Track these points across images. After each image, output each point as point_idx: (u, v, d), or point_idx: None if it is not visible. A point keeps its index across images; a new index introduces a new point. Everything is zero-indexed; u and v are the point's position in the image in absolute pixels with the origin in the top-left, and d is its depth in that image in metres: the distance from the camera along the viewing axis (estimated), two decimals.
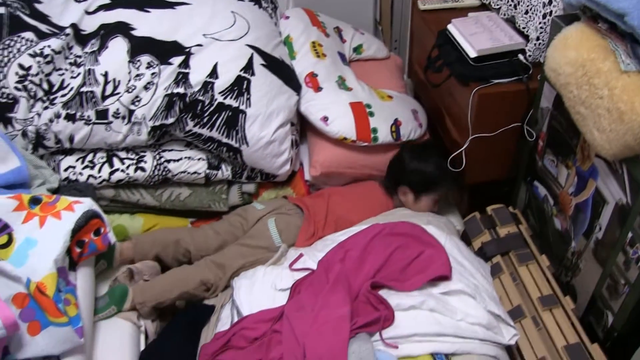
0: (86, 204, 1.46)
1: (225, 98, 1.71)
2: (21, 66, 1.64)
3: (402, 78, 2.33)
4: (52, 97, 1.68)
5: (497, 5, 1.94)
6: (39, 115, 1.67)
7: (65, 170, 1.73)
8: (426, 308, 1.42)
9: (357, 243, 1.58)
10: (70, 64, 1.70)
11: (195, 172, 1.78)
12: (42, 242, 1.37)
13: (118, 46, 1.72)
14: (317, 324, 1.33)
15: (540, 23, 1.67)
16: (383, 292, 1.46)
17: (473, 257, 1.66)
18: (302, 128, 2.07)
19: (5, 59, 1.64)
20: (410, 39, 2.33)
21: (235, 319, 1.51)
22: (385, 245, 1.56)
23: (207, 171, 1.79)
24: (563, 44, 1.42)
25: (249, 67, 1.76)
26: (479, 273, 1.58)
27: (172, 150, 1.80)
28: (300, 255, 1.64)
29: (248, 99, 1.73)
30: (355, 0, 2.59)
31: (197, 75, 1.71)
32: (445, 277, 1.49)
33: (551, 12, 1.64)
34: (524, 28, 1.78)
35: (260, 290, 1.55)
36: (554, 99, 1.59)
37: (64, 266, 1.36)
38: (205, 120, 1.70)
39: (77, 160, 1.75)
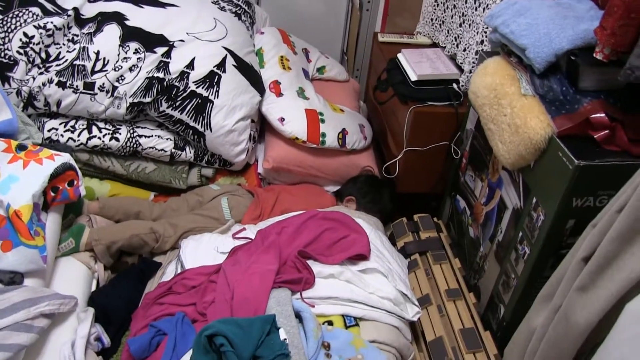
0: (65, 157, 1.66)
1: (197, 87, 1.95)
2: (25, 34, 1.86)
3: (357, 100, 2.61)
4: (47, 65, 1.90)
5: (444, 44, 2.25)
6: (33, 78, 1.88)
7: (49, 130, 1.94)
8: (343, 279, 1.64)
9: (293, 222, 1.80)
10: (68, 40, 1.93)
11: (162, 150, 2.00)
12: (24, 179, 1.55)
13: (112, 31, 1.96)
14: (247, 274, 1.54)
15: (472, 58, 1.97)
16: (308, 263, 1.67)
17: (393, 250, 1.89)
18: (262, 129, 2.31)
19: (12, 26, 1.85)
20: (369, 67, 2.63)
21: (179, 272, 1.71)
22: (317, 226, 1.78)
23: (173, 150, 2.01)
24: (483, 72, 1.71)
25: (221, 65, 2.01)
26: (395, 262, 1.81)
27: (145, 127, 2.02)
28: (243, 229, 1.86)
29: (217, 91, 1.97)
30: (326, 31, 2.90)
31: (177, 65, 1.96)
32: (364, 257, 1.71)
33: (482, 49, 1.94)
34: (461, 63, 2.08)
35: (204, 250, 1.75)
36: (476, 121, 1.86)
37: (39, 203, 1.55)
38: (177, 103, 1.93)
39: (61, 124, 1.96)
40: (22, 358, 1.32)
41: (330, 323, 1.54)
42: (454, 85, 2.02)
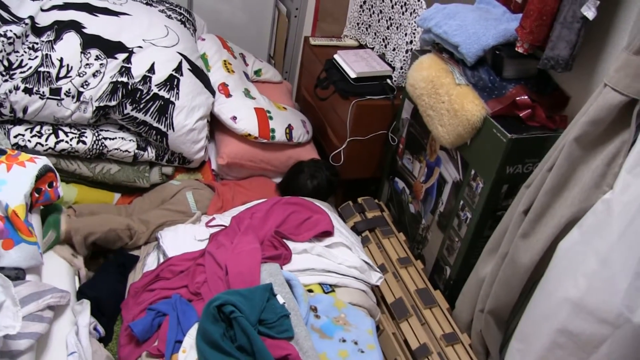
0: (44, 160, 1.72)
1: (160, 90, 2.07)
2: None
3: (292, 99, 2.82)
4: (11, 72, 1.93)
5: (372, 45, 2.52)
6: None
7: (15, 137, 1.96)
8: (315, 253, 1.85)
9: (261, 208, 1.98)
10: (29, 48, 1.97)
11: (126, 151, 2.09)
12: (11, 182, 1.59)
13: (72, 39, 2.02)
14: (235, 253, 1.70)
15: (403, 57, 2.26)
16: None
17: (347, 228, 2.12)
18: (210, 130, 2.45)
19: None
20: (300, 69, 2.85)
21: (162, 261, 1.82)
22: (283, 210, 1.97)
23: (136, 151, 2.11)
24: (419, 67, 1.99)
25: (178, 69, 2.14)
26: (353, 237, 2.04)
27: (108, 130, 2.10)
28: (214, 218, 2.00)
29: (177, 93, 2.10)
30: (252, 38, 3.08)
31: (138, 69, 2.06)
32: (329, 234, 1.92)
33: (412, 48, 2.23)
34: (391, 61, 2.36)
35: (182, 239, 1.88)
36: (411, 111, 2.14)
37: (28, 204, 1.60)
38: (142, 106, 2.04)
39: (26, 129, 1.99)
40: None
41: (310, 291, 1.73)
42: (388, 81, 2.29)
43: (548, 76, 1.81)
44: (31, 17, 2.00)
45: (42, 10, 2.06)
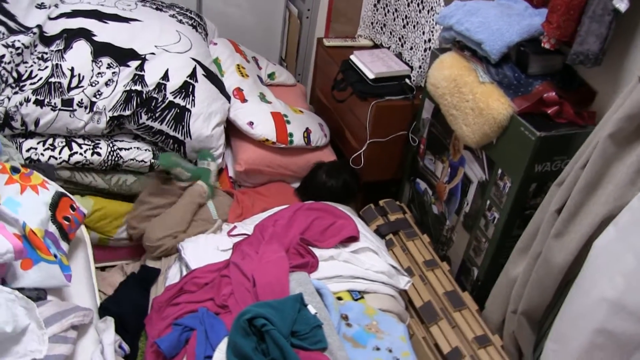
0: (54, 185, 1.68)
1: (175, 97, 2.04)
2: None
3: (306, 102, 2.78)
4: (21, 84, 1.89)
5: (387, 44, 2.48)
6: (8, 98, 1.87)
7: (27, 150, 1.92)
8: (341, 259, 1.81)
9: (284, 215, 1.95)
10: (38, 58, 1.93)
11: (142, 161, 2.06)
12: (25, 205, 1.54)
13: (82, 47, 1.98)
14: (262, 263, 1.66)
15: (422, 55, 2.22)
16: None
17: (372, 232, 2.09)
18: (225, 136, 2.42)
19: None
20: (314, 71, 2.82)
21: (185, 274, 1.79)
22: (306, 216, 1.94)
23: (152, 160, 2.07)
24: (440, 66, 1.95)
25: (193, 75, 2.11)
26: (378, 241, 2.01)
27: (122, 141, 2.06)
28: (235, 227, 1.97)
29: (193, 100, 2.07)
30: (265, 40, 3.05)
31: (152, 77, 2.02)
32: (354, 239, 1.89)
33: (430, 47, 2.19)
34: (409, 60, 2.32)
35: (204, 250, 1.85)
36: (432, 110, 2.10)
37: (52, 232, 1.56)
38: (157, 114, 2.01)
39: (39, 143, 1.95)
40: None
41: (339, 298, 1.70)
42: (407, 80, 2.25)
43: (573, 71, 1.78)
44: (39, 26, 1.97)
45: (49, 18, 2.03)
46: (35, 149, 1.94)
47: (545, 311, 1.67)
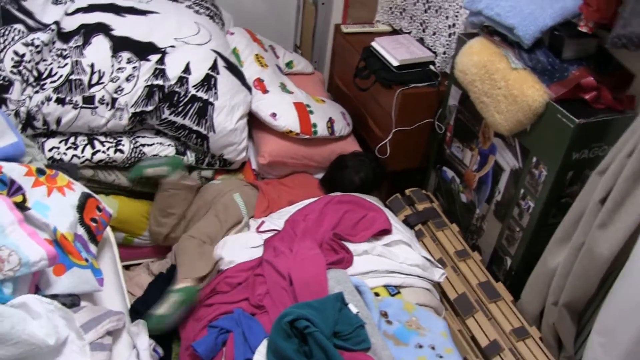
0: (79, 186, 1.65)
1: (197, 91, 1.99)
2: (16, 53, 1.80)
3: (325, 90, 2.73)
4: (42, 82, 1.85)
5: (407, 30, 2.42)
6: (30, 98, 1.83)
7: (50, 150, 1.89)
8: (375, 253, 1.78)
9: (314, 209, 1.91)
10: (57, 55, 1.89)
11: (165, 156, 2.02)
12: (54, 209, 1.52)
13: (100, 43, 1.94)
14: (297, 261, 1.63)
15: (446, 41, 2.16)
16: None
17: (401, 223, 2.05)
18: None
19: (1, 46, 1.79)
20: (331, 58, 2.76)
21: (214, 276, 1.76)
22: (336, 209, 1.90)
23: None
24: (469, 52, 1.90)
25: (214, 67, 2.05)
26: (409, 232, 1.98)
27: (144, 137, 2.02)
28: (263, 222, 1.93)
29: (215, 93, 2.02)
30: (278, 28, 2.98)
31: (173, 71, 1.97)
32: (387, 231, 1.86)
33: (455, 32, 2.13)
34: (431, 46, 2.26)
35: (233, 248, 1.81)
36: (459, 97, 2.06)
37: (80, 235, 1.53)
38: (180, 109, 1.96)
39: (61, 142, 1.92)
40: None
41: (376, 294, 1.67)
42: (431, 67, 2.20)
43: (609, 55, 1.72)
44: (56, 23, 1.92)
45: (66, 14, 1.98)
46: (58, 148, 1.90)
47: (587, 302, 1.64)
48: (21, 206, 1.42)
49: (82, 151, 1.92)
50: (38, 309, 1.26)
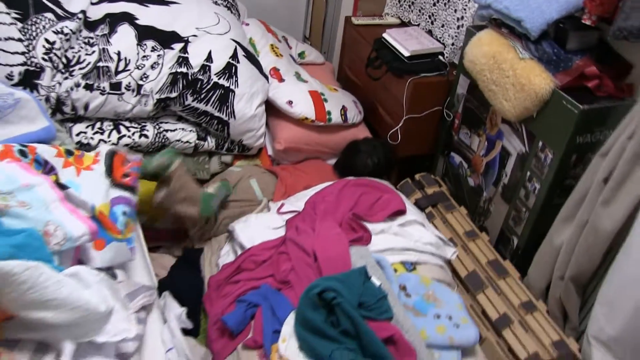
0: (103, 149, 1.70)
1: (219, 79, 2.09)
2: (47, 40, 1.89)
3: (335, 80, 2.84)
4: (71, 69, 1.94)
5: (416, 22, 2.53)
6: (59, 84, 1.92)
7: (77, 135, 1.98)
8: (392, 233, 1.89)
9: (331, 192, 2.02)
10: (85, 43, 1.98)
11: (187, 142, 2.12)
12: (85, 186, 1.59)
13: (126, 31, 2.03)
14: (320, 239, 1.74)
15: (454, 33, 2.27)
16: None
17: (413, 205, 2.16)
18: None
19: (34, 33, 1.88)
20: (341, 49, 2.86)
21: (239, 253, 1.86)
22: (353, 192, 2.01)
23: (197, 142, 2.14)
24: (478, 43, 2.01)
25: (235, 56, 2.16)
26: (420, 214, 2.09)
27: (167, 122, 2.13)
28: (282, 205, 2.04)
29: (236, 80, 2.12)
30: (288, 19, 3.08)
31: (196, 59, 2.07)
32: (402, 212, 1.97)
33: (463, 24, 2.24)
34: (440, 37, 2.37)
35: (256, 229, 1.92)
36: (467, 86, 2.16)
37: (117, 196, 1.61)
38: (202, 96, 2.06)
39: (88, 126, 2.01)
40: None
41: (395, 270, 1.78)
42: (440, 57, 2.31)
43: (608, 46, 1.84)
44: (83, 12, 2.01)
45: (91, 3, 2.06)
46: (85, 132, 1.99)
47: (591, 276, 1.76)
48: (60, 185, 1.52)
49: (109, 136, 2.01)
50: (89, 278, 1.35)
